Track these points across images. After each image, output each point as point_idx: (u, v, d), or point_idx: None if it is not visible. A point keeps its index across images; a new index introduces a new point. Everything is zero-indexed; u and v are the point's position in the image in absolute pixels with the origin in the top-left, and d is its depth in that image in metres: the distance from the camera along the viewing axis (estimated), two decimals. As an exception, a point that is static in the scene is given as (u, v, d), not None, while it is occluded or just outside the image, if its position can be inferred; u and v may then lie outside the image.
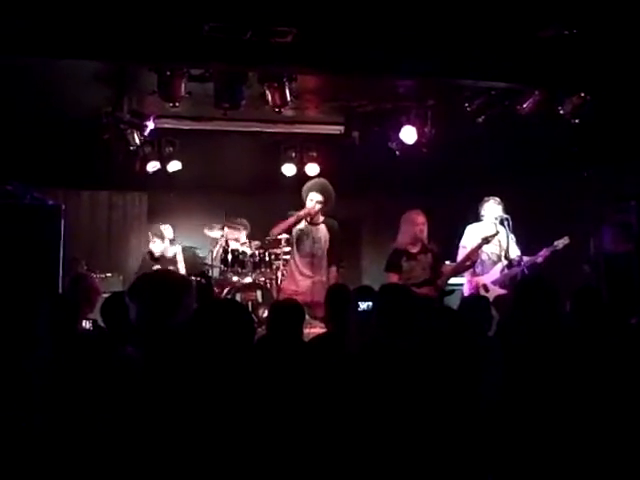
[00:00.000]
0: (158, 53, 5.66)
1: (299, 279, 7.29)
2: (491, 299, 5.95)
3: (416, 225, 7.03)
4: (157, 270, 7.19)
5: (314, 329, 6.36)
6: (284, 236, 8.18)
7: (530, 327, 4.07)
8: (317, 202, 7.23)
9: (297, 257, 7.38)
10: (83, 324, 5.39)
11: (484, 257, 7.64)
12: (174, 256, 8.33)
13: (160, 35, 5.48)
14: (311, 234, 7.33)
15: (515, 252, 7.49)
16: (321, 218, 7.39)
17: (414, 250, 7.04)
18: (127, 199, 10.25)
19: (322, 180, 7.54)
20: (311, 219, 7.35)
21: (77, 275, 7.75)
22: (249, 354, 2.89)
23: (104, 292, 5.95)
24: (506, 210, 7.49)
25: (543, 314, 4.10)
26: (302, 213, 7.22)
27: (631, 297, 7.16)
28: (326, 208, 7.32)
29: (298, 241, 7.36)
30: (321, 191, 7.28)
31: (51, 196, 8.00)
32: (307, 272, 7.30)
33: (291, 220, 7.27)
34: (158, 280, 3.12)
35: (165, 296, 2.93)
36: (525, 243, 7.45)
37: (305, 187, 7.38)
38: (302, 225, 7.35)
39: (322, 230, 7.38)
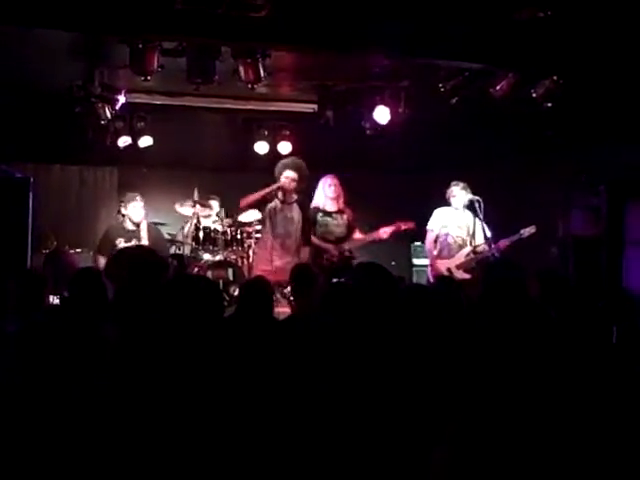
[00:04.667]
0: (130, 25, 5.59)
1: (273, 259, 7.24)
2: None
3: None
4: (133, 248, 7.00)
5: (284, 308, 6.36)
6: (256, 216, 8.18)
7: (498, 312, 4.10)
8: (292, 180, 7.19)
9: (270, 237, 7.32)
10: (51, 299, 5.36)
11: (450, 240, 7.70)
12: (138, 230, 7.83)
13: (133, 7, 5.41)
14: (284, 212, 7.29)
15: (482, 237, 7.54)
16: (294, 197, 7.35)
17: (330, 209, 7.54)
18: (97, 174, 10.15)
19: (297, 159, 7.49)
20: (284, 197, 7.31)
21: (54, 251, 7.67)
22: (218, 331, 2.89)
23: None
24: (476, 192, 7.53)
25: (511, 299, 4.13)
26: (275, 186, 7.16)
27: (599, 280, 7.26)
28: (299, 187, 7.30)
29: (271, 220, 7.32)
30: (296, 169, 7.23)
31: (20, 170, 7.92)
32: (280, 252, 7.26)
33: (261, 192, 7.21)
34: (135, 260, 3.11)
35: (143, 277, 2.92)
36: (495, 226, 7.49)
37: (280, 164, 7.32)
38: (275, 204, 7.32)
39: (295, 209, 7.34)
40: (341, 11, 5.65)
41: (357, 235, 7.82)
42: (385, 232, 7.65)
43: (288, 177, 7.17)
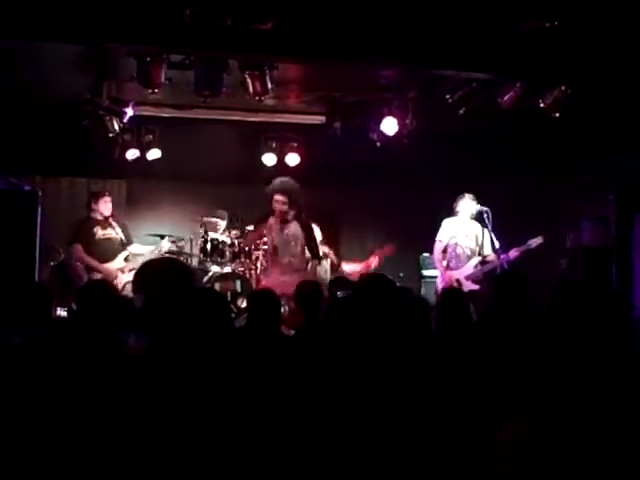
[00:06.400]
0: (138, 38, 5.61)
1: (281, 278, 7.18)
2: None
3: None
4: (161, 259, 6.94)
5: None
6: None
7: (508, 322, 4.07)
8: (282, 202, 7.17)
9: (277, 261, 7.30)
10: (58, 312, 5.36)
11: (459, 251, 7.70)
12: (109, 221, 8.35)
13: (140, 20, 5.43)
14: (283, 232, 7.25)
15: (490, 247, 7.54)
16: (291, 214, 7.30)
17: None
18: (106, 187, 10.15)
19: (284, 180, 7.42)
20: (281, 219, 7.30)
21: (61, 264, 7.68)
22: (227, 343, 2.88)
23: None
24: (484, 203, 7.51)
25: (522, 309, 4.11)
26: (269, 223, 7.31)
27: (607, 291, 7.20)
28: (294, 205, 7.26)
29: (273, 241, 7.32)
30: (284, 192, 7.19)
31: (29, 183, 7.94)
32: (286, 269, 7.22)
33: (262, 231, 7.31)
34: (165, 270, 3.11)
35: (172, 287, 2.92)
36: (504, 237, 7.47)
37: (269, 188, 7.28)
38: (273, 223, 7.31)
39: (294, 226, 7.30)
40: (348, 22, 5.66)
41: (346, 267, 8.60)
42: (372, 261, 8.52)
43: (278, 200, 7.16)
